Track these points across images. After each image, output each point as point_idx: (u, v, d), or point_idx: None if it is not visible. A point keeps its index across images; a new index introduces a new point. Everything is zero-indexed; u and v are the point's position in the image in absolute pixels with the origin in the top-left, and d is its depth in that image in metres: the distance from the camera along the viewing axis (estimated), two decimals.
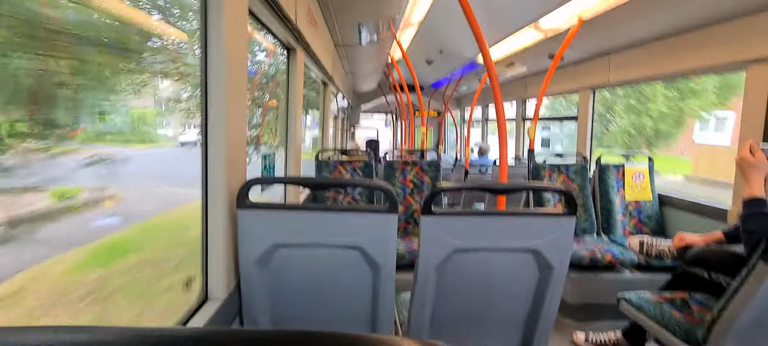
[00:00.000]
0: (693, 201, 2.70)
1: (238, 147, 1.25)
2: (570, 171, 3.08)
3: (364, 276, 1.24)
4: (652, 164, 3.01)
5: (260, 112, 5.00)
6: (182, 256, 2.16)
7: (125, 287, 1.90)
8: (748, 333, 1.36)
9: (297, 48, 2.15)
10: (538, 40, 3.25)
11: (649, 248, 2.05)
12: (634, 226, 2.95)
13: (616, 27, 2.71)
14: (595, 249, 2.55)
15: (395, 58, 4.80)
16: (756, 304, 1.30)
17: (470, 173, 4.96)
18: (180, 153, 3.18)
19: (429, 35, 3.99)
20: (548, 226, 1.22)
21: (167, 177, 2.79)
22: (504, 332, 1.41)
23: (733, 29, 2.22)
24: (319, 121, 4.45)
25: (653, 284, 2.07)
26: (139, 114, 2.48)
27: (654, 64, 2.82)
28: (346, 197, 3.04)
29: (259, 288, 1.24)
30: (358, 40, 3.25)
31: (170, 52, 2.42)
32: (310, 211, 1.19)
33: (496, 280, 1.30)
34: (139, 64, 2.03)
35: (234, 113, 1.19)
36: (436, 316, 1.35)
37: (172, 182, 2.74)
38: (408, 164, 3.05)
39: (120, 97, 1.96)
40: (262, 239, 1.19)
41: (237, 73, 1.20)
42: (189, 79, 2.66)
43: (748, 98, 2.15)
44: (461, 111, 8.67)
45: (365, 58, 4.23)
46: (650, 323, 1.68)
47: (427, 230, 1.20)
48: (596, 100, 3.68)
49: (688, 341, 1.50)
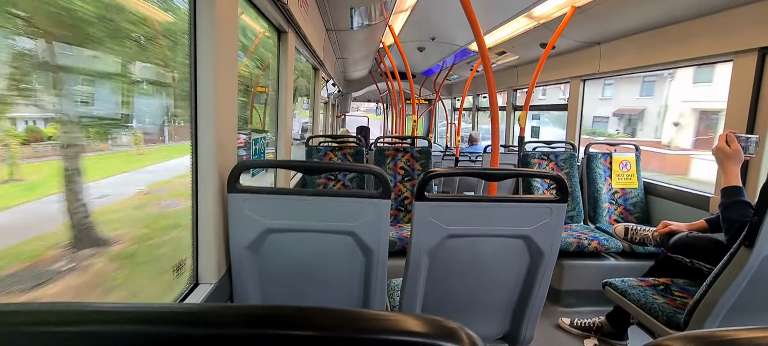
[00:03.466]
0: (676, 189, 2.77)
1: (229, 131, 1.22)
2: (559, 159, 3.11)
3: (357, 261, 1.24)
4: (638, 153, 3.06)
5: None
6: None
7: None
8: (727, 317, 1.41)
9: (288, 31, 2.11)
10: (531, 27, 3.25)
11: (633, 235, 2.10)
12: (620, 214, 3.01)
13: (608, 16, 2.72)
14: (582, 236, 2.61)
15: (387, 44, 4.75)
16: (735, 289, 1.35)
17: (460, 161, 4.98)
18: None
19: (421, 21, 3.95)
20: (540, 212, 1.23)
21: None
22: (494, 317, 1.43)
23: (721, 21, 2.25)
24: (310, 107, 4.40)
25: (637, 270, 2.13)
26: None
27: (643, 54, 2.85)
28: (337, 184, 3.02)
29: (251, 273, 1.23)
30: (350, 24, 3.19)
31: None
32: (302, 195, 1.17)
33: (487, 265, 1.32)
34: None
35: (224, 96, 1.16)
36: (427, 301, 1.36)
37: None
38: (399, 151, 3.04)
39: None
40: (253, 223, 1.17)
41: (227, 55, 1.17)
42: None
43: (733, 89, 2.19)
44: (452, 100, 8.67)
45: (357, 43, 4.17)
46: (633, 308, 1.73)
47: (419, 215, 1.20)
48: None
49: (669, 324, 1.55)
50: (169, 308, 0.32)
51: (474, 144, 5.76)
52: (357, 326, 0.30)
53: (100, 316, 0.30)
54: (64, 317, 0.29)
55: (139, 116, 1.37)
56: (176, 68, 1.34)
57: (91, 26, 1.01)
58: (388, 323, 0.30)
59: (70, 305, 0.30)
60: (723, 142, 1.59)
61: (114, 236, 1.21)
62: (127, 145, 1.30)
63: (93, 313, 0.30)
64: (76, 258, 1.03)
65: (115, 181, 1.29)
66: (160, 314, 0.30)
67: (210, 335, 0.29)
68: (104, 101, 1.16)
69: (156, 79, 1.41)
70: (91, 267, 1.07)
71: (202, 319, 0.30)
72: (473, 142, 5.80)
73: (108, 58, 1.15)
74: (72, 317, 0.29)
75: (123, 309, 0.31)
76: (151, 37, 1.27)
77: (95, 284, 1.09)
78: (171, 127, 1.52)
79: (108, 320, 0.29)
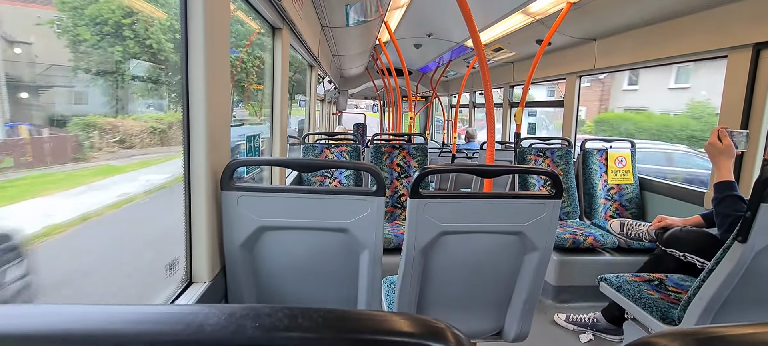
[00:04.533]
0: (672, 184, 2.78)
1: (222, 127, 1.21)
2: (555, 155, 3.12)
3: (352, 259, 1.24)
4: (634, 149, 3.07)
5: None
6: None
7: None
8: (721, 312, 1.42)
9: (282, 27, 2.09)
10: (527, 23, 3.24)
11: (628, 230, 2.11)
12: (616, 209, 3.02)
13: (604, 12, 2.72)
14: (578, 232, 2.61)
15: (383, 40, 4.73)
16: (729, 283, 1.36)
17: (457, 158, 4.98)
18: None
19: (417, 18, 3.94)
20: (534, 208, 1.23)
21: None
22: (489, 313, 1.43)
23: (716, 17, 2.25)
24: (306, 104, 4.38)
25: (632, 266, 2.14)
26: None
27: (639, 51, 2.85)
28: (334, 181, 3.01)
29: (245, 271, 1.22)
30: (346, 21, 3.18)
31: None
32: (296, 193, 1.17)
33: (481, 262, 1.32)
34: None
35: (216, 91, 1.15)
36: (422, 298, 1.36)
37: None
38: (395, 148, 3.04)
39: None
40: (247, 221, 1.17)
41: (219, 48, 1.15)
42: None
43: (728, 85, 2.20)
44: (449, 96, 8.66)
45: (353, 40, 4.15)
46: (628, 303, 1.73)
47: (414, 212, 1.19)
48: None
49: (663, 319, 1.56)
50: (157, 309, 0.31)
51: (471, 141, 5.76)
52: (342, 326, 0.29)
53: (87, 318, 0.29)
54: (50, 318, 0.29)
55: None
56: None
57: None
58: (373, 322, 0.30)
59: (56, 307, 0.30)
60: (715, 138, 1.60)
61: None
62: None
63: (81, 314, 0.29)
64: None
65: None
66: (146, 315, 0.30)
67: (191, 337, 0.28)
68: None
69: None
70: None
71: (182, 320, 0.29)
72: (470, 139, 5.79)
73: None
74: (58, 319, 0.29)
75: (111, 311, 0.30)
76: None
77: None
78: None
79: (96, 322, 0.28)
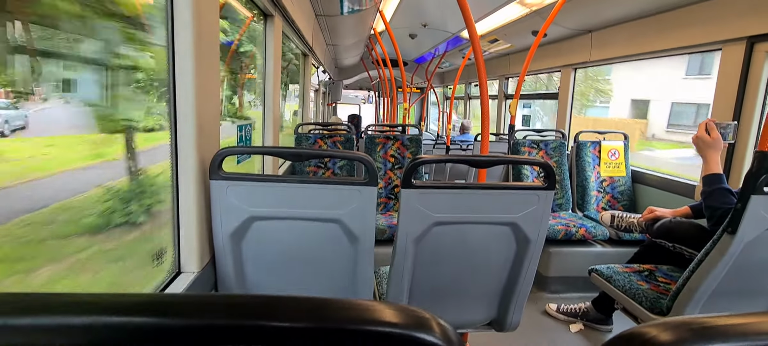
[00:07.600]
0: (663, 177, 2.81)
1: (211, 115, 1.19)
2: (548, 147, 3.12)
3: (343, 249, 1.23)
4: (627, 142, 3.09)
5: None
6: None
7: None
8: (709, 302, 1.44)
9: (274, 14, 2.05)
10: (524, 14, 3.22)
11: (619, 222, 2.13)
12: (608, 202, 3.05)
13: (599, 4, 2.70)
14: (570, 224, 2.63)
15: (378, 30, 4.68)
16: (717, 274, 1.37)
17: (451, 150, 4.98)
18: None
19: (413, 7, 3.89)
20: (527, 199, 1.23)
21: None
22: (481, 303, 1.44)
23: (711, 10, 2.25)
24: (300, 93, 4.34)
25: (623, 257, 2.16)
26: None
27: (634, 43, 2.85)
28: (327, 172, 3.00)
29: (235, 262, 1.21)
30: (340, 9, 3.13)
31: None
32: (286, 182, 1.15)
33: (474, 253, 1.32)
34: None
35: (204, 77, 1.12)
36: (414, 288, 1.36)
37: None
38: (389, 139, 3.02)
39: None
40: (237, 211, 1.15)
41: (208, 33, 1.12)
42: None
43: (721, 78, 2.21)
44: (444, 88, 8.64)
45: (347, 29, 4.10)
46: (618, 293, 1.75)
47: (406, 202, 1.18)
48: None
49: (652, 309, 1.58)
50: (148, 297, 0.31)
51: (465, 132, 5.75)
52: (324, 315, 0.29)
53: (75, 306, 0.28)
54: (37, 306, 0.27)
55: None
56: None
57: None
58: (357, 311, 0.29)
59: (45, 295, 0.29)
60: (702, 131, 1.60)
61: None
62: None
63: (70, 303, 0.28)
64: None
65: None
66: (137, 303, 0.29)
67: (175, 326, 0.28)
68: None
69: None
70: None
71: (170, 309, 0.29)
72: (465, 130, 5.79)
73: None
74: (45, 307, 0.27)
75: (99, 299, 0.29)
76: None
77: None
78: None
79: (84, 311, 0.27)
